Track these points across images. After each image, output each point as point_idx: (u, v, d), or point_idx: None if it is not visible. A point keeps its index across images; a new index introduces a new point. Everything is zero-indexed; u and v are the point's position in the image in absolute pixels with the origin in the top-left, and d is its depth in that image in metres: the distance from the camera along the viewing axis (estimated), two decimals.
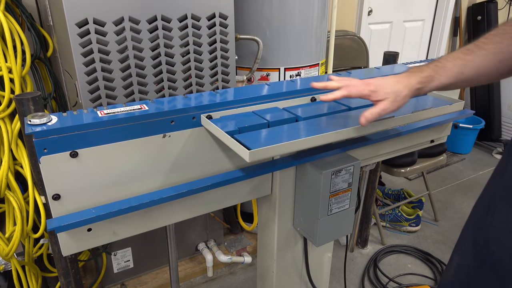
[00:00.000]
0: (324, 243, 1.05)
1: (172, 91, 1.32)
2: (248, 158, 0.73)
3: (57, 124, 0.74)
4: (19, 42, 1.20)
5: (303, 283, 1.20)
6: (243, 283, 1.86)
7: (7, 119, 1.23)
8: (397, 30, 3.07)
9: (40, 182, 1.13)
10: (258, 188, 1.02)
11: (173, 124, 0.85)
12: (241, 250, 1.97)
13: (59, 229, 0.76)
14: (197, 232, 1.88)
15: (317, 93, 1.06)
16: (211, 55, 1.35)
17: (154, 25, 1.20)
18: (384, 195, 2.49)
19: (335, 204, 1.00)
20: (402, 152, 1.27)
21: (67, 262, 1.23)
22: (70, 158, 0.76)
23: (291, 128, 0.87)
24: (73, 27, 1.09)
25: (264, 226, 1.13)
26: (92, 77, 1.16)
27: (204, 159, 0.92)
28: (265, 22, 1.67)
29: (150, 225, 0.90)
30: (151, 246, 1.76)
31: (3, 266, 1.39)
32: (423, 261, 2.06)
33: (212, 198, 0.96)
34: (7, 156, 1.23)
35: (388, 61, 1.69)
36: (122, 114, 0.80)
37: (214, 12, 1.30)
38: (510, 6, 3.53)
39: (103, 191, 0.82)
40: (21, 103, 0.96)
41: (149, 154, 0.84)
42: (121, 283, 1.74)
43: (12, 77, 1.18)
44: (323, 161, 0.98)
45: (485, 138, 3.38)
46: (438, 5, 3.26)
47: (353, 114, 0.96)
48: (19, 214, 1.25)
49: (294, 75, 1.77)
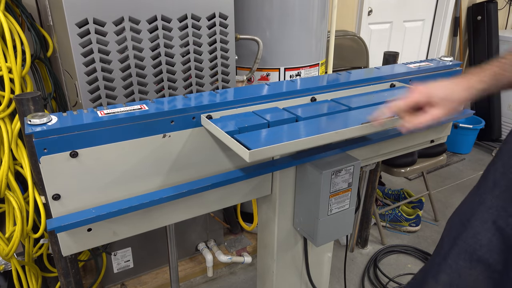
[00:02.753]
0: (324, 243, 1.05)
1: (172, 91, 1.32)
2: (248, 158, 0.73)
3: (57, 124, 0.74)
4: (19, 42, 1.20)
5: (303, 283, 1.20)
6: (243, 283, 1.86)
7: (7, 119, 1.23)
8: (397, 30, 3.07)
9: (40, 182, 1.13)
10: (258, 188, 1.02)
11: (173, 124, 0.85)
12: (241, 250, 1.97)
13: (59, 229, 0.76)
14: (197, 232, 1.88)
15: (317, 93, 1.06)
16: (211, 55, 1.35)
17: (154, 25, 1.20)
18: (384, 195, 2.49)
19: (335, 204, 1.00)
20: (402, 152, 1.27)
21: (67, 262, 1.23)
22: (70, 158, 0.76)
23: (291, 128, 0.87)
24: (73, 27, 1.09)
25: (264, 226, 1.13)
26: (92, 77, 1.16)
27: (204, 159, 0.92)
28: (265, 22, 1.67)
29: (150, 225, 0.90)
30: (151, 246, 1.76)
31: (3, 266, 1.39)
32: (423, 261, 2.05)
33: (212, 198, 0.96)
34: (7, 156, 1.23)
35: (388, 61, 1.68)
36: (122, 114, 0.80)
37: (214, 12, 1.30)
38: (510, 6, 3.53)
39: (103, 191, 0.82)
40: (21, 103, 0.96)
41: (149, 154, 0.84)
42: (121, 283, 1.74)
43: (12, 77, 1.18)
44: (323, 161, 0.98)
45: (485, 138, 3.38)
46: (438, 5, 3.26)
47: (353, 114, 0.96)
48: (19, 214, 1.25)
49: (294, 75, 1.77)
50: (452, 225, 0.66)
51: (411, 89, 0.74)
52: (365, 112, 0.97)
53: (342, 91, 1.10)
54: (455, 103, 0.70)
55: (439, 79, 0.74)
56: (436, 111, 0.70)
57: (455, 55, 3.47)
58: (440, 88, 0.71)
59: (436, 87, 0.72)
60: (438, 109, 0.70)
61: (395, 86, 1.19)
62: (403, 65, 1.32)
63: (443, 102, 0.70)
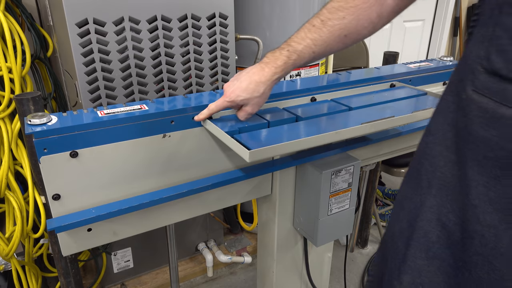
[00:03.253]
0: (324, 243, 1.05)
1: (172, 91, 1.32)
2: (248, 158, 0.73)
3: (57, 124, 0.74)
4: (19, 42, 1.20)
5: (303, 283, 1.20)
6: (243, 283, 1.86)
7: (7, 119, 1.23)
8: (397, 30, 3.07)
9: (40, 182, 1.13)
10: (258, 188, 1.02)
11: (173, 124, 0.85)
12: (241, 250, 1.97)
13: (59, 229, 0.76)
14: (197, 232, 1.88)
15: (317, 93, 1.06)
16: (211, 55, 1.35)
17: (154, 25, 1.20)
18: (384, 195, 2.49)
19: (335, 204, 1.00)
20: (402, 152, 1.27)
21: (67, 262, 1.23)
22: (70, 158, 0.76)
23: (291, 128, 0.87)
24: (73, 27, 1.09)
25: (264, 226, 1.13)
26: (92, 77, 1.16)
27: (204, 159, 0.92)
28: (265, 22, 1.67)
29: (150, 225, 0.90)
30: (151, 246, 1.76)
31: (3, 266, 1.39)
32: None
33: (212, 198, 0.96)
34: (7, 156, 1.23)
35: (388, 61, 1.69)
36: (122, 114, 0.80)
37: (214, 12, 1.30)
38: None
39: (103, 191, 0.82)
40: (21, 103, 0.96)
41: (149, 154, 0.84)
42: (121, 283, 1.74)
43: (12, 77, 1.18)
44: (323, 161, 0.98)
45: None
46: (438, 5, 3.26)
47: (353, 114, 0.96)
48: (19, 214, 1.25)
49: (294, 75, 1.77)
50: (402, 229, 0.68)
51: (224, 92, 0.83)
52: (365, 112, 0.97)
53: (342, 91, 1.10)
54: (259, 98, 0.82)
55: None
56: (246, 108, 0.83)
57: (455, 55, 3.47)
58: (241, 91, 0.80)
59: (238, 91, 0.80)
60: (247, 107, 0.83)
61: (395, 86, 1.19)
62: (403, 65, 1.32)
63: (248, 101, 0.82)
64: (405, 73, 1.22)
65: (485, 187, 0.52)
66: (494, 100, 0.49)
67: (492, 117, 0.49)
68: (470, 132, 0.53)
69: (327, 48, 0.78)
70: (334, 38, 0.76)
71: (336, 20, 0.74)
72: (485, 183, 0.52)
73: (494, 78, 0.49)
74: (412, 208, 0.66)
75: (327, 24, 0.75)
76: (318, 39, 0.76)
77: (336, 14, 0.74)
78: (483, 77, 0.51)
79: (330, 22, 0.75)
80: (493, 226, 0.52)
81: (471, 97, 0.52)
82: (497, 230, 0.51)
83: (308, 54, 0.78)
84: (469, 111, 0.53)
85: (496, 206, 0.51)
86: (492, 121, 0.49)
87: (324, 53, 0.79)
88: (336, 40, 0.76)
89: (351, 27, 0.74)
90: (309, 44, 0.77)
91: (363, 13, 0.73)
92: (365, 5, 0.72)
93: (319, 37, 0.76)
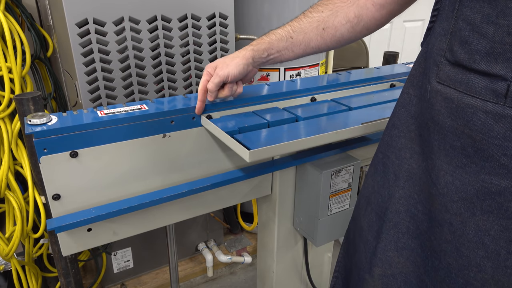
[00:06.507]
0: (324, 243, 1.05)
1: (172, 91, 1.32)
2: (248, 158, 0.73)
3: (57, 124, 0.74)
4: (19, 42, 1.20)
5: (303, 283, 1.20)
6: (243, 283, 1.86)
7: (7, 119, 1.23)
8: (397, 30, 3.07)
9: (40, 182, 1.13)
10: (258, 188, 1.02)
11: (173, 124, 0.85)
12: (241, 250, 1.97)
13: (59, 229, 0.76)
14: (197, 232, 1.88)
15: (317, 93, 1.06)
16: (211, 55, 1.35)
17: (154, 25, 1.20)
18: None
19: (335, 204, 1.00)
20: None
21: (67, 262, 1.23)
22: (70, 158, 0.76)
23: (291, 128, 0.87)
24: (73, 27, 1.09)
25: (264, 226, 1.13)
26: (92, 77, 1.16)
27: (204, 159, 0.92)
28: (265, 22, 1.67)
29: (150, 225, 0.90)
30: (151, 246, 1.76)
31: (3, 266, 1.39)
32: None
33: (212, 198, 0.96)
34: (7, 156, 1.23)
35: (388, 61, 1.69)
36: (122, 114, 0.80)
37: (214, 12, 1.30)
38: None
39: (103, 191, 0.82)
40: (21, 103, 0.96)
41: (149, 154, 0.84)
42: (121, 283, 1.74)
43: (12, 77, 1.18)
44: (323, 161, 0.98)
45: None
46: None
47: (353, 114, 0.96)
48: (19, 214, 1.25)
49: (294, 75, 1.77)
50: (370, 222, 0.70)
51: (213, 72, 0.85)
52: (365, 112, 0.97)
53: (342, 91, 1.10)
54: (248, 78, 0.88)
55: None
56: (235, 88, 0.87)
57: None
58: (234, 68, 0.83)
59: (230, 68, 0.83)
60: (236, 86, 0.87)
61: (395, 86, 1.19)
62: (403, 65, 1.32)
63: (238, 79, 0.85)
64: (405, 73, 1.22)
65: (452, 176, 0.53)
66: (459, 91, 0.50)
67: (457, 106, 0.50)
68: (437, 122, 0.54)
69: (305, 37, 0.82)
70: (311, 29, 0.81)
71: (316, 13, 0.81)
72: (452, 172, 0.53)
73: (457, 69, 0.50)
74: (380, 202, 0.68)
75: (307, 16, 0.82)
76: (297, 27, 0.83)
77: (316, 9, 0.82)
78: (447, 68, 0.52)
79: (310, 14, 0.82)
80: (459, 214, 0.53)
81: (436, 89, 0.53)
82: (463, 217, 0.53)
83: (286, 38, 0.83)
84: (435, 102, 0.54)
85: (462, 194, 0.52)
86: (458, 111, 0.51)
87: (303, 41, 0.83)
88: (314, 31, 0.81)
89: (328, 21, 0.79)
90: (288, 30, 0.84)
91: (340, 10, 0.78)
92: (343, 4, 0.78)
93: (298, 25, 0.83)
